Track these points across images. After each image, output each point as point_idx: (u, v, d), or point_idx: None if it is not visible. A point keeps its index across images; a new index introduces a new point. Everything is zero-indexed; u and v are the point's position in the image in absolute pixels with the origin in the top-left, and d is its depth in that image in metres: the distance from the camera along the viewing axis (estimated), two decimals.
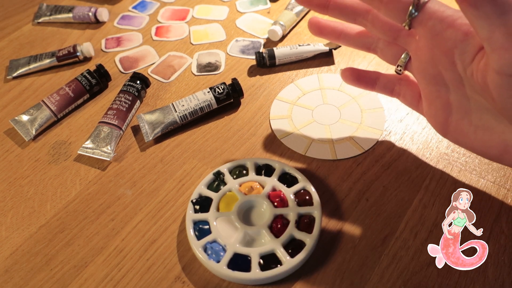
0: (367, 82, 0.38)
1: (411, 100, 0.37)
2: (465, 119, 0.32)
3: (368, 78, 0.38)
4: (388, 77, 0.38)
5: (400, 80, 0.37)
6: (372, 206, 0.38)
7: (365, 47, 0.37)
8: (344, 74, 0.39)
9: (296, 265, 0.33)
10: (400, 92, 0.37)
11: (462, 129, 0.32)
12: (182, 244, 0.36)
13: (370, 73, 0.39)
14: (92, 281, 0.35)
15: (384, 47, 0.36)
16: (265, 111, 0.47)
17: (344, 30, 0.37)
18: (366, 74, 0.38)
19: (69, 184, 0.42)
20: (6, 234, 0.38)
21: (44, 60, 0.54)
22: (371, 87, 0.39)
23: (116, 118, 0.45)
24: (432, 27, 0.29)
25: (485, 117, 0.31)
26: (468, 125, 0.32)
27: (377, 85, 0.38)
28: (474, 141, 0.32)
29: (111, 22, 0.62)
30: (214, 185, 0.39)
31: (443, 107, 0.32)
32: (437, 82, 0.31)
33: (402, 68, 0.35)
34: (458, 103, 0.31)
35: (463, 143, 0.33)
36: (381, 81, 0.38)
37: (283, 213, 0.36)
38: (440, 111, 0.33)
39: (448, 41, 0.28)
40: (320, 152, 0.43)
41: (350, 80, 0.39)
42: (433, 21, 0.28)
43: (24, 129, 0.46)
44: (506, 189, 0.38)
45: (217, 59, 0.55)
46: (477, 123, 0.31)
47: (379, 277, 0.34)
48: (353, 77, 0.39)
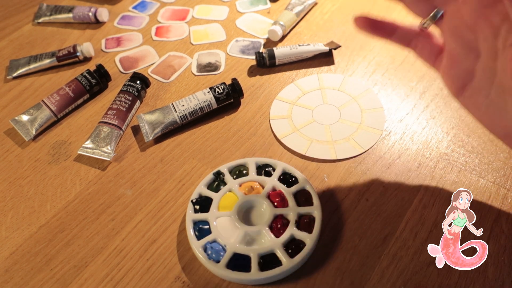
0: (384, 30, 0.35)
1: (428, 54, 0.34)
2: (484, 90, 0.30)
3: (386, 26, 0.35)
4: (407, 27, 0.35)
5: (421, 33, 0.34)
6: (372, 206, 0.38)
7: None
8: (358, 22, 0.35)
9: (296, 265, 0.33)
10: (418, 45, 0.34)
11: (476, 100, 0.31)
12: (182, 244, 0.36)
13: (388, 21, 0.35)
14: (92, 281, 0.35)
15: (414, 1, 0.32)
16: (265, 111, 0.47)
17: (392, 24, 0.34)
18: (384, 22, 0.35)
19: (69, 184, 0.42)
20: (6, 234, 0.38)
21: (44, 60, 0.54)
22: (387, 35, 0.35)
23: (116, 118, 0.45)
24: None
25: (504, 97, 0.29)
26: (484, 97, 0.30)
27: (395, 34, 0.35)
28: (485, 114, 0.31)
29: (111, 22, 0.62)
30: (214, 185, 0.39)
31: (466, 72, 0.31)
32: (470, 47, 0.29)
33: (430, 24, 0.32)
34: (483, 73, 0.30)
35: (473, 111, 0.32)
36: (399, 32, 0.35)
37: (283, 213, 0.36)
38: (462, 75, 0.31)
39: (498, 15, 0.26)
40: (320, 152, 0.42)
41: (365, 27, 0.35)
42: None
43: (24, 129, 0.46)
44: (506, 189, 0.38)
45: (217, 59, 0.55)
46: (494, 98, 0.30)
47: (379, 277, 0.34)
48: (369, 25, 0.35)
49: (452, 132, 0.44)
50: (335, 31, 0.57)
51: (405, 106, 0.47)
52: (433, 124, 0.45)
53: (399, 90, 0.49)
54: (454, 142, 0.43)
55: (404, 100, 0.47)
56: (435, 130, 0.44)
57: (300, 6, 0.59)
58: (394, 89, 0.49)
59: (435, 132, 0.44)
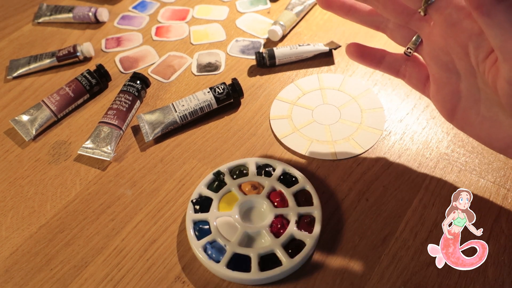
0: (372, 60, 0.37)
1: (417, 82, 0.35)
2: (473, 108, 0.31)
3: (374, 55, 0.37)
4: (394, 56, 0.36)
5: (407, 61, 0.36)
6: (372, 206, 0.38)
7: (374, 25, 0.35)
8: (349, 49, 0.37)
9: (296, 265, 0.33)
10: (406, 73, 0.36)
11: (469, 118, 0.32)
12: (182, 244, 0.36)
13: (376, 50, 0.37)
14: (92, 281, 0.35)
15: (394, 28, 0.34)
16: (265, 111, 0.47)
17: (353, 6, 0.35)
18: (372, 52, 0.37)
19: (69, 184, 0.42)
20: (6, 234, 0.38)
21: (44, 60, 0.54)
22: (375, 65, 0.37)
23: (116, 118, 0.45)
24: (448, 15, 0.28)
25: (494, 110, 0.30)
26: (476, 114, 0.31)
27: (383, 64, 0.37)
28: (480, 131, 0.31)
29: (111, 22, 0.62)
30: (214, 185, 0.39)
31: (452, 94, 0.32)
32: (449, 69, 0.31)
33: (412, 51, 0.34)
34: (468, 92, 0.31)
35: (469, 131, 0.33)
36: (387, 60, 0.37)
37: (283, 213, 0.36)
38: (449, 98, 0.32)
39: (463, 32, 0.27)
40: (320, 152, 0.42)
41: (354, 56, 0.37)
42: (450, 10, 0.27)
43: (24, 129, 0.46)
44: (506, 189, 0.38)
45: (217, 59, 0.55)
46: (485, 114, 0.30)
47: (379, 277, 0.34)
48: (358, 54, 0.37)
49: (452, 132, 0.44)
50: (335, 31, 0.57)
51: (405, 106, 0.47)
52: (433, 124, 0.45)
53: (399, 90, 0.49)
54: (454, 142, 0.43)
55: (404, 100, 0.47)
56: (435, 130, 0.44)
57: (300, 6, 0.59)
58: (394, 89, 0.49)
59: (435, 132, 0.44)
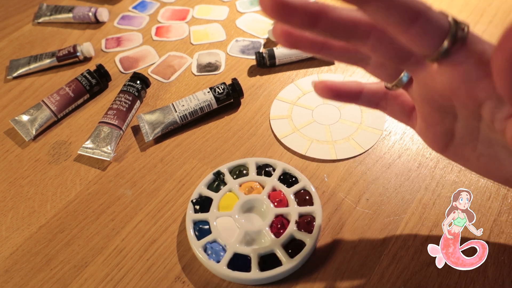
0: (348, 97, 0.32)
1: (400, 115, 0.31)
2: (469, 145, 0.28)
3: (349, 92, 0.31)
4: (372, 90, 0.31)
5: (388, 94, 0.31)
6: (372, 206, 0.38)
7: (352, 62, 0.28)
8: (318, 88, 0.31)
9: (296, 265, 0.33)
10: (387, 107, 0.32)
11: (463, 154, 0.28)
12: (182, 244, 0.36)
13: (350, 86, 0.31)
14: (92, 281, 0.35)
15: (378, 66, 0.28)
16: (265, 111, 0.47)
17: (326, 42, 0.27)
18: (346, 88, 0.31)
19: (69, 184, 0.42)
20: (6, 234, 0.38)
21: (44, 60, 0.54)
22: (352, 101, 0.32)
23: (116, 118, 0.45)
24: (465, 71, 0.22)
25: (493, 148, 0.27)
26: (471, 151, 0.28)
27: (360, 99, 0.32)
28: (477, 166, 0.28)
29: (111, 22, 0.62)
30: (214, 185, 0.39)
31: (445, 133, 0.28)
32: (445, 111, 0.26)
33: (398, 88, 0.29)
34: (465, 131, 0.27)
35: (463, 164, 0.29)
36: (365, 95, 0.31)
37: (283, 213, 0.36)
38: (440, 136, 0.28)
39: (481, 91, 0.22)
40: (320, 152, 0.42)
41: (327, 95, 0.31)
42: (469, 65, 0.21)
43: (24, 129, 0.46)
44: (506, 189, 0.38)
45: (217, 59, 0.55)
46: (482, 151, 0.27)
47: (379, 277, 0.34)
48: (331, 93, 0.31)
49: None
50: None
51: None
52: None
53: None
54: None
55: None
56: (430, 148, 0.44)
57: None
58: None
59: None
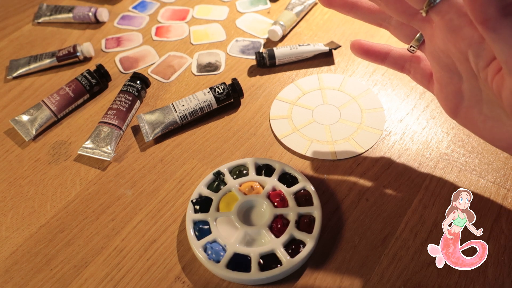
0: (377, 56, 0.37)
1: (421, 78, 0.36)
2: (476, 108, 0.31)
3: (378, 52, 0.37)
4: (399, 52, 0.37)
5: (412, 58, 0.36)
6: (372, 206, 0.38)
7: (376, 22, 0.35)
8: (353, 46, 0.38)
9: (296, 265, 0.33)
10: (411, 70, 0.36)
11: (472, 117, 0.32)
12: (182, 244, 0.36)
13: (380, 47, 0.37)
14: (92, 281, 0.35)
15: (397, 26, 0.34)
16: (265, 111, 0.47)
17: (355, 3, 0.35)
18: (376, 48, 0.37)
19: (69, 184, 0.42)
20: (6, 234, 0.38)
21: (44, 60, 0.54)
22: (380, 62, 0.38)
23: (116, 118, 0.45)
24: (449, 20, 0.27)
25: (496, 110, 0.30)
26: (478, 114, 0.31)
27: (387, 60, 0.37)
28: (483, 130, 0.32)
29: (111, 22, 0.62)
30: (214, 185, 0.39)
31: (455, 93, 0.32)
32: (450, 70, 0.31)
33: (416, 48, 0.34)
34: (470, 92, 0.31)
35: (472, 129, 0.33)
36: (392, 56, 0.37)
37: (283, 213, 0.36)
38: (451, 96, 0.32)
39: (463, 40, 0.27)
40: (320, 152, 0.42)
41: (359, 53, 0.38)
42: (452, 15, 0.27)
43: (24, 129, 0.46)
44: (506, 189, 0.38)
45: (217, 59, 0.55)
46: (487, 113, 0.31)
47: (379, 277, 0.34)
48: (362, 51, 0.38)
49: (452, 132, 0.44)
50: (335, 31, 0.57)
51: (405, 106, 0.47)
52: (433, 124, 0.45)
53: (399, 90, 0.49)
54: (454, 142, 0.43)
55: (404, 100, 0.47)
56: (435, 130, 0.44)
57: (300, 6, 0.59)
58: (394, 89, 0.49)
59: (435, 132, 0.44)
